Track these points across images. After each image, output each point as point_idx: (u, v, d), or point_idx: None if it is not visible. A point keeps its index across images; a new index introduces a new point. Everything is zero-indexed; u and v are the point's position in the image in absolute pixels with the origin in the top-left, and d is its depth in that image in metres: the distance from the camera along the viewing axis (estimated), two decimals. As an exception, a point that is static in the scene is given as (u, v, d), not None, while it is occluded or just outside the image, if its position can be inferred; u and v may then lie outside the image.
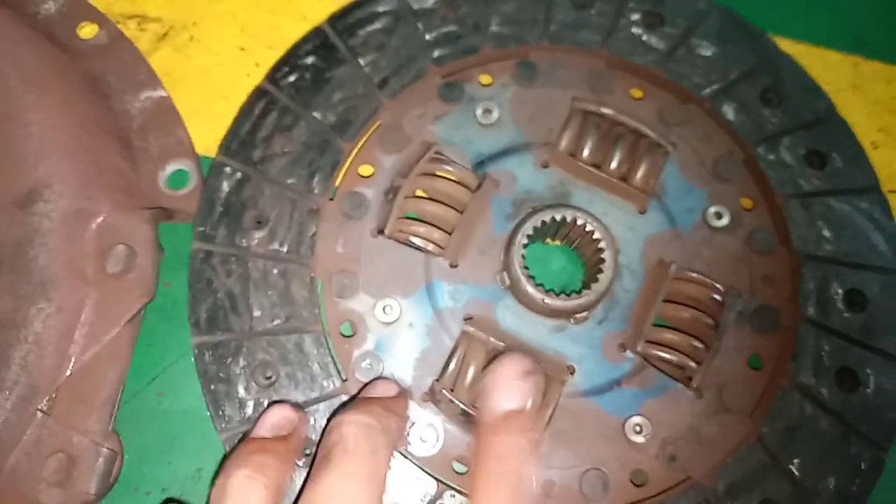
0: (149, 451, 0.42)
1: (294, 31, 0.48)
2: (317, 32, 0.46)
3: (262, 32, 0.50)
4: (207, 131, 0.47)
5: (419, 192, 0.43)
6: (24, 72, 0.40)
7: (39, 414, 0.37)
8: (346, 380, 0.40)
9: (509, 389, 0.34)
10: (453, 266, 0.42)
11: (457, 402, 0.39)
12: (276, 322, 0.41)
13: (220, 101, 0.48)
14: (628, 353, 0.42)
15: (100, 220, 0.39)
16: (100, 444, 0.37)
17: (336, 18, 0.46)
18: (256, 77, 0.48)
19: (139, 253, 0.39)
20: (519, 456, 0.32)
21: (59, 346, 0.37)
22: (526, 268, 0.41)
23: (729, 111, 0.46)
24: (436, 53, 0.46)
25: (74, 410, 0.38)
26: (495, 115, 0.45)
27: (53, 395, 0.37)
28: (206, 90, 0.49)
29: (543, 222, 0.42)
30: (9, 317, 0.35)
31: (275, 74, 0.45)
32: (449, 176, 0.43)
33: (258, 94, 0.44)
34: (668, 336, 0.41)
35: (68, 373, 0.37)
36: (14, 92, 0.39)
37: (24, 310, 0.36)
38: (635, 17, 0.47)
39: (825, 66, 0.50)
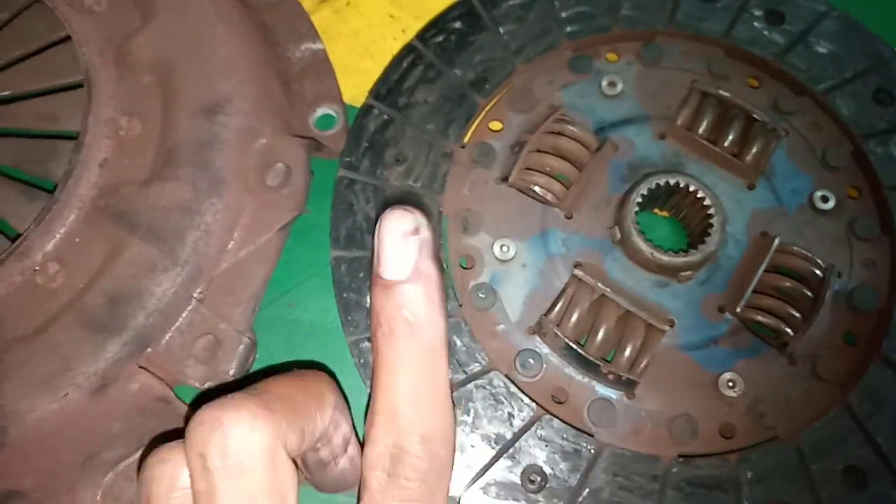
0: (276, 353, 0.46)
1: (437, 5, 0.54)
2: (464, 2, 0.51)
3: (409, 3, 0.55)
4: (354, 84, 0.53)
5: (542, 149, 0.47)
6: (216, 8, 0.46)
7: (194, 300, 0.42)
8: (461, 305, 0.44)
9: (392, 259, 0.29)
10: (568, 217, 0.46)
11: (562, 336, 0.42)
12: (405, 246, 0.45)
13: (368, 59, 0.54)
14: (727, 315, 0.44)
15: (264, 140, 0.45)
16: (242, 333, 0.42)
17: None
18: (402, 41, 0.54)
19: (294, 172, 0.45)
20: (408, 315, 0.29)
21: (221, 239, 0.42)
22: (638, 223, 0.44)
23: (842, 105, 0.48)
24: (568, 29, 0.50)
25: (224, 301, 0.43)
26: (619, 87, 0.49)
27: (208, 285, 0.42)
28: (357, 49, 0.54)
29: (658, 185, 0.45)
30: (188, 204, 0.40)
31: (424, 34, 0.50)
32: (572, 136, 0.47)
33: (408, 49, 0.50)
34: (768, 302, 0.44)
35: (224, 265, 0.42)
36: (210, 21, 0.45)
37: (199, 201, 0.41)
38: (758, 13, 0.50)
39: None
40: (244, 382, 0.32)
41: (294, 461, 0.28)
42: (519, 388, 0.42)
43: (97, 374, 0.38)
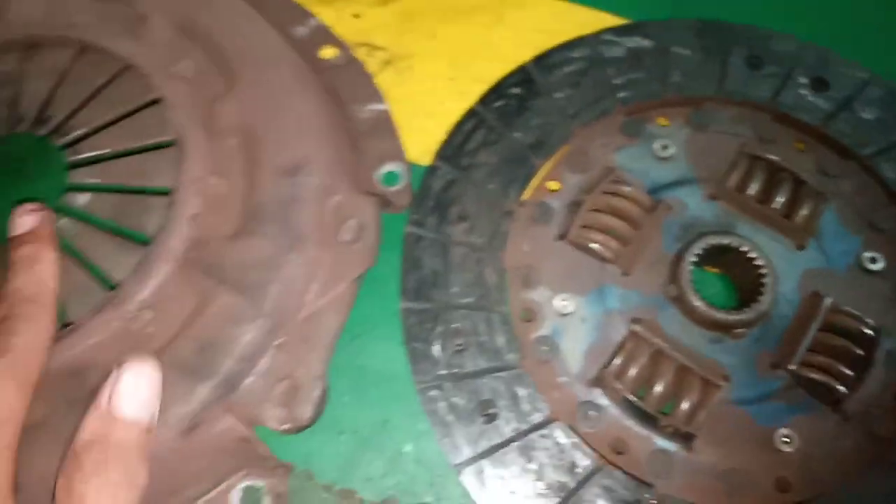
0: (345, 397, 0.48)
1: (494, 69, 0.57)
2: (521, 70, 0.54)
3: (468, 67, 0.59)
4: (416, 142, 0.56)
5: (599, 208, 0.49)
6: (293, 74, 0.50)
7: (274, 347, 0.44)
8: (523, 357, 0.46)
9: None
10: (625, 274, 0.48)
11: (621, 389, 0.44)
12: (469, 299, 0.47)
13: (429, 119, 0.57)
14: (780, 372, 0.46)
15: (338, 197, 0.48)
16: (317, 378, 0.44)
17: (538, 59, 0.55)
18: (461, 102, 0.57)
19: (366, 228, 0.47)
20: None
21: (300, 291, 0.45)
22: (693, 282, 0.46)
23: (887, 169, 0.50)
24: (621, 95, 0.53)
25: (300, 348, 0.45)
26: (670, 150, 0.52)
27: (287, 333, 0.45)
28: (418, 109, 0.57)
29: (711, 245, 0.47)
30: (271, 258, 0.43)
31: (485, 100, 0.53)
32: (627, 196, 0.49)
33: (471, 114, 0.53)
34: (820, 360, 0.45)
35: (302, 315, 0.45)
36: (288, 87, 0.48)
37: (282, 255, 0.44)
38: (803, 80, 0.53)
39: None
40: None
41: None
42: (581, 439, 0.44)
43: (187, 416, 0.41)
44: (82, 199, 0.48)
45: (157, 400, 0.38)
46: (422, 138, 0.56)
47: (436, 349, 0.46)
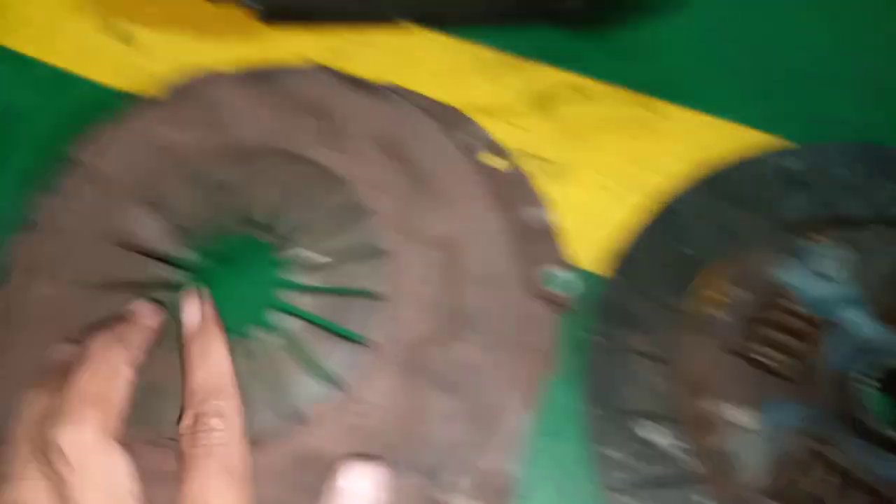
0: (528, 491, 0.52)
1: (653, 180, 0.62)
2: (684, 185, 0.58)
3: (627, 178, 0.63)
4: (577, 247, 0.60)
5: (765, 323, 0.53)
6: (482, 186, 0.55)
7: (473, 442, 0.48)
8: (700, 465, 0.49)
9: None
10: (795, 389, 0.51)
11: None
12: (647, 407, 0.51)
13: (588, 226, 0.61)
14: (955, 493, 0.48)
15: (523, 303, 0.52)
16: (508, 474, 0.48)
17: (701, 176, 0.59)
18: (620, 212, 0.61)
19: (547, 333, 0.52)
20: None
21: (497, 393, 0.49)
22: (864, 400, 0.49)
23: None
24: (783, 214, 0.56)
25: (493, 444, 0.49)
26: (832, 270, 0.55)
27: (484, 430, 0.49)
28: (578, 216, 0.62)
29: (884, 365, 0.50)
30: (477, 363, 0.48)
31: (652, 215, 0.57)
32: (793, 312, 0.52)
33: (638, 225, 0.57)
34: None
35: (495, 413, 0.49)
36: (480, 199, 0.54)
37: (484, 359, 0.49)
38: (962, 206, 0.55)
39: None
40: None
41: None
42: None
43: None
44: (302, 299, 0.53)
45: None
46: (581, 244, 0.61)
47: (620, 455, 0.50)
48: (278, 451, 0.48)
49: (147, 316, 0.49)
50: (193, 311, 0.49)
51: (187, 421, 0.43)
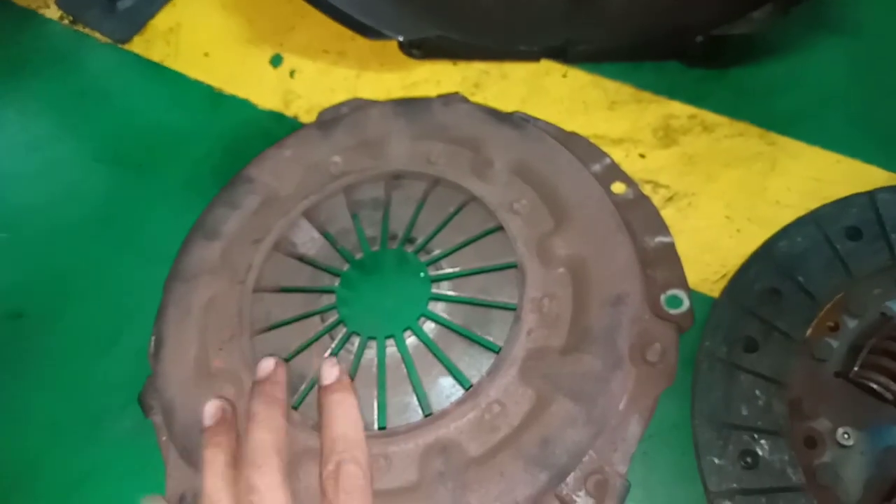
0: (635, 491, 0.57)
1: (769, 212, 0.66)
2: (803, 219, 0.62)
3: (743, 209, 0.67)
4: (694, 272, 0.65)
5: (878, 352, 0.56)
6: (610, 212, 0.61)
7: (593, 447, 0.54)
8: (807, 481, 0.53)
9: None
10: (902, 415, 0.54)
11: (903, 522, 0.50)
12: (757, 423, 0.55)
13: (706, 253, 0.66)
14: None
15: (645, 323, 0.58)
16: (621, 476, 0.54)
17: (818, 210, 0.62)
18: (736, 239, 0.65)
19: (668, 351, 0.57)
20: None
21: (617, 402, 0.55)
22: (973, 432, 0.52)
23: None
24: (898, 250, 0.59)
25: (610, 449, 0.55)
26: (948, 305, 0.57)
27: (603, 437, 0.55)
28: (696, 243, 0.67)
29: None
30: (600, 374, 0.54)
31: (769, 245, 0.62)
32: (905, 344, 0.56)
33: (755, 256, 0.61)
34: None
35: (614, 422, 0.55)
36: (613, 231, 0.59)
37: (607, 372, 0.54)
38: None
39: None
40: None
41: None
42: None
43: (530, 498, 0.51)
44: (440, 308, 0.61)
45: None
46: (699, 269, 0.65)
47: (726, 464, 0.54)
48: (415, 440, 0.55)
49: (279, 373, 0.55)
50: (332, 369, 0.54)
51: (330, 467, 0.48)
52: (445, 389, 0.57)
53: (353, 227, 0.67)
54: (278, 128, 0.80)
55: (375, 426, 0.56)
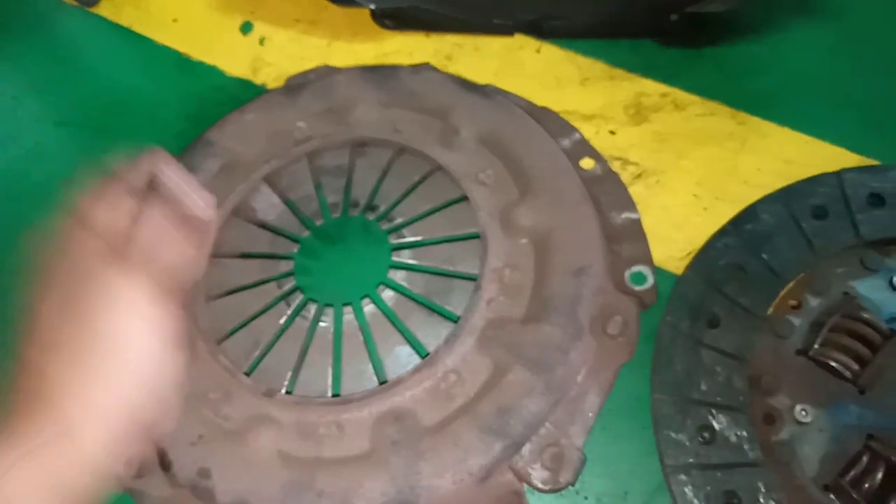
0: (592, 467, 0.56)
1: (737, 191, 0.65)
2: (769, 197, 0.62)
3: (712, 187, 0.67)
4: (660, 250, 0.64)
5: (839, 330, 0.55)
6: (576, 185, 0.60)
7: (550, 418, 0.53)
8: (765, 456, 0.53)
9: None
10: (861, 392, 0.54)
11: (858, 498, 0.50)
12: (717, 398, 0.55)
13: (673, 230, 0.65)
14: None
15: (608, 295, 0.57)
16: (578, 448, 0.53)
17: (785, 189, 0.62)
18: (704, 218, 0.65)
19: (629, 324, 0.56)
20: None
21: (575, 374, 0.54)
22: (929, 410, 0.51)
23: None
24: (863, 230, 0.59)
25: (568, 422, 0.54)
26: (910, 286, 0.57)
27: (560, 408, 0.54)
28: (664, 221, 0.66)
29: (950, 378, 0.52)
30: (559, 344, 0.53)
31: (736, 221, 0.61)
32: (865, 321, 0.55)
33: (723, 232, 0.61)
34: None
35: (572, 394, 0.54)
36: (574, 197, 0.59)
37: (568, 343, 0.53)
38: None
39: None
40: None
41: None
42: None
43: (484, 468, 0.50)
44: (400, 276, 0.60)
45: None
46: (666, 246, 0.65)
47: (684, 438, 0.54)
48: (369, 408, 0.54)
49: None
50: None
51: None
52: (402, 358, 0.56)
53: (315, 193, 0.66)
54: (246, 95, 0.78)
55: (329, 393, 0.55)
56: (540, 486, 0.52)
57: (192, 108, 0.79)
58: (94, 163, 0.45)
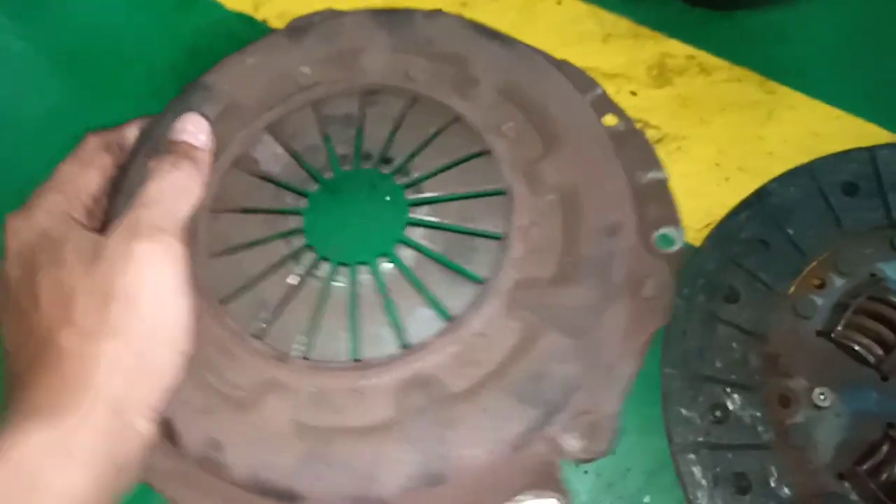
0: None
1: (761, 162, 0.62)
2: (797, 170, 0.59)
3: (735, 157, 0.63)
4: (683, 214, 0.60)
5: (864, 312, 0.53)
6: (603, 140, 0.56)
7: (585, 385, 0.49)
8: (778, 439, 0.50)
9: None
10: (884, 379, 0.51)
11: (874, 488, 0.47)
12: (731, 376, 0.52)
13: (692, 198, 0.62)
14: None
15: (641, 256, 0.53)
16: (613, 417, 0.48)
17: (813, 163, 0.59)
18: (724, 188, 0.62)
19: (664, 287, 0.52)
20: None
21: (611, 339, 0.50)
22: (954, 400, 0.49)
23: None
24: (894, 212, 0.56)
25: (602, 388, 0.49)
26: (939, 270, 0.54)
27: (595, 374, 0.50)
28: (682, 188, 0.62)
29: (978, 368, 0.49)
30: (593, 305, 0.49)
31: (761, 193, 0.58)
32: (892, 304, 0.52)
33: (745, 204, 0.58)
34: None
35: (607, 360, 0.50)
36: (609, 156, 0.54)
37: (601, 304, 0.49)
38: None
39: None
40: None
41: None
42: (824, 527, 0.47)
43: (518, 436, 0.46)
44: (419, 234, 0.56)
45: None
46: (683, 216, 0.61)
47: (695, 416, 0.51)
48: (391, 374, 0.50)
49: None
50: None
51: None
52: (424, 321, 0.52)
53: (322, 144, 0.61)
54: (246, 32, 0.73)
55: (345, 357, 0.51)
56: (579, 454, 0.49)
57: (189, 44, 0.74)
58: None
